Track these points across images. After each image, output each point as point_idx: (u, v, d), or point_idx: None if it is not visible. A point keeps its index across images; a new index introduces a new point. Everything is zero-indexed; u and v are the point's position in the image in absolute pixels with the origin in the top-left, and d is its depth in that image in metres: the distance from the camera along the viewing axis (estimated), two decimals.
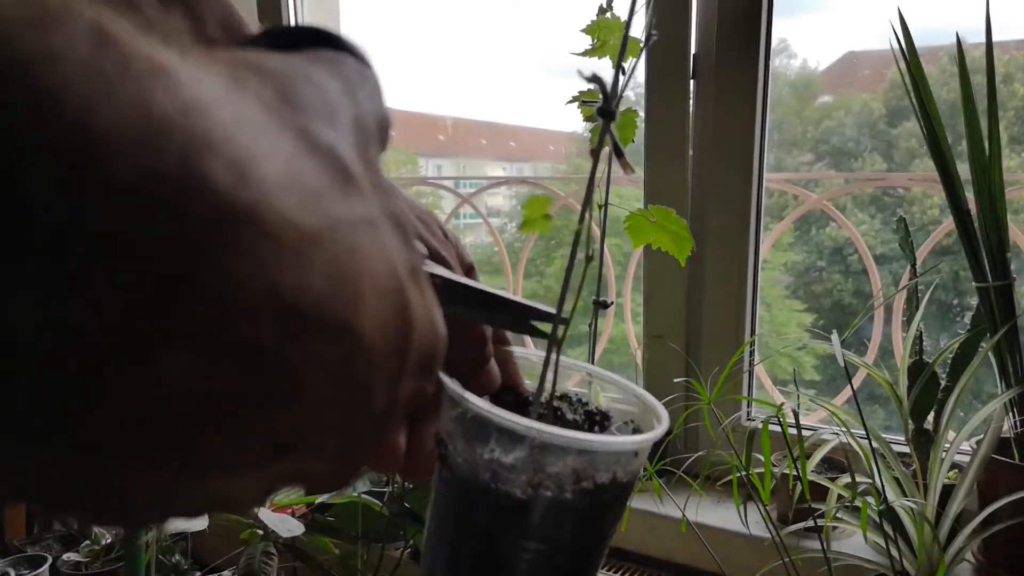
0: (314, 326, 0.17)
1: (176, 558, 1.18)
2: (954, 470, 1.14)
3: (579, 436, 0.31)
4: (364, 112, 0.22)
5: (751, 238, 1.40)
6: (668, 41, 1.39)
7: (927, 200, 1.83)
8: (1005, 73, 1.67)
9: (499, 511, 0.31)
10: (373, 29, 2.42)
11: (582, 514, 0.32)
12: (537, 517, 0.31)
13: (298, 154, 0.18)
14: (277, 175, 0.16)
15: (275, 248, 0.16)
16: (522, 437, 0.30)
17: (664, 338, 1.47)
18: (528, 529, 0.31)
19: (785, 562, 0.97)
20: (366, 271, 0.18)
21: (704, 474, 1.00)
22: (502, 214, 3.01)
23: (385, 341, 0.19)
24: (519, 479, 0.31)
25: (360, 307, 0.18)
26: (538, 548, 0.32)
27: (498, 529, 0.32)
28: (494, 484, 0.31)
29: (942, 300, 1.74)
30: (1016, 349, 1.08)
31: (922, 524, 1.00)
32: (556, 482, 0.31)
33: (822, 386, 1.89)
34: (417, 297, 0.21)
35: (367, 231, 0.19)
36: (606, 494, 0.32)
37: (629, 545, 1.39)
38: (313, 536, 1.08)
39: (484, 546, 0.33)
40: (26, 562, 1.26)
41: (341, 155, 0.19)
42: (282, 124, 0.18)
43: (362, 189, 0.19)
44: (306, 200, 0.17)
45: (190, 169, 0.15)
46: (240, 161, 0.16)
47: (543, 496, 0.31)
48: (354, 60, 0.24)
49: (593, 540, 0.34)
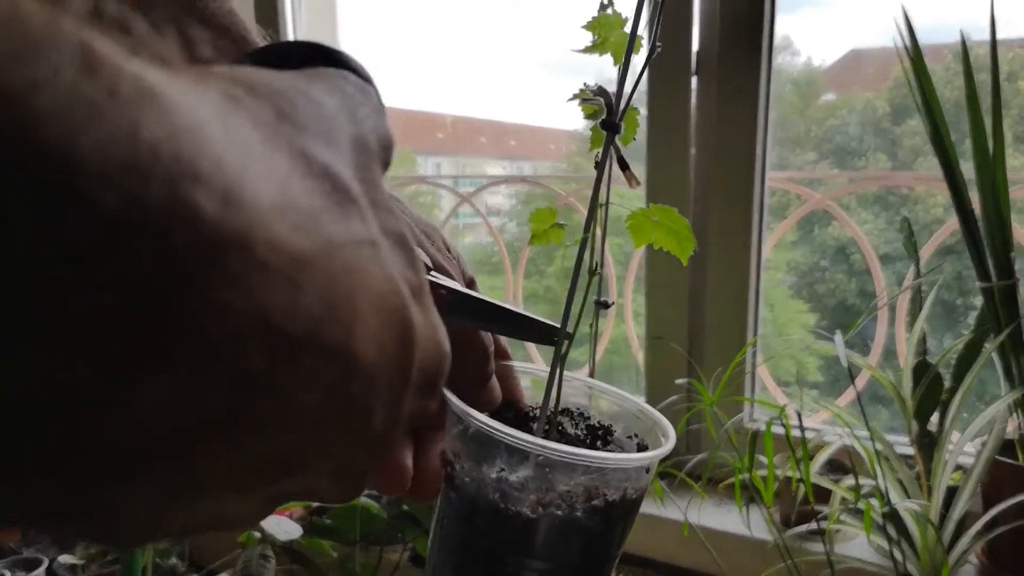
0: (307, 349, 0.17)
1: (173, 561, 1.17)
2: (958, 472, 1.13)
3: (592, 454, 0.30)
4: (365, 130, 0.22)
5: (753, 237, 1.39)
6: (670, 38, 1.38)
7: (931, 199, 1.82)
8: (1009, 71, 1.66)
9: (507, 531, 0.31)
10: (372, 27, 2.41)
11: (591, 532, 0.31)
12: (547, 536, 0.31)
13: (293, 175, 0.18)
14: (269, 198, 0.16)
15: (265, 273, 0.16)
16: (529, 455, 0.30)
17: (666, 339, 1.46)
18: (536, 549, 0.31)
19: (788, 565, 0.96)
20: (364, 291, 0.18)
21: (706, 476, 0.99)
22: (502, 213, 3.00)
23: (385, 360, 0.19)
24: (528, 498, 0.30)
25: (357, 328, 0.18)
26: (545, 568, 0.31)
27: (506, 550, 0.31)
28: (503, 504, 0.30)
29: (946, 300, 1.73)
30: (1020, 350, 1.07)
31: (926, 526, 0.99)
32: (567, 500, 0.30)
33: (825, 387, 1.88)
34: (420, 315, 0.21)
35: (366, 251, 0.19)
36: (616, 511, 0.31)
37: (630, 548, 1.38)
38: (311, 539, 1.08)
39: (491, 568, 0.32)
40: (22, 564, 1.25)
41: (339, 174, 0.19)
42: (277, 144, 0.18)
43: (362, 209, 0.19)
44: (300, 222, 0.17)
45: (177, 197, 0.14)
46: (230, 186, 0.15)
47: (553, 515, 0.30)
48: (355, 77, 0.24)
49: (601, 559, 0.33)
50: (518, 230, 2.87)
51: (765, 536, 1.03)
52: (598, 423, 0.39)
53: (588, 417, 0.39)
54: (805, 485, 0.92)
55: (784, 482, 1.19)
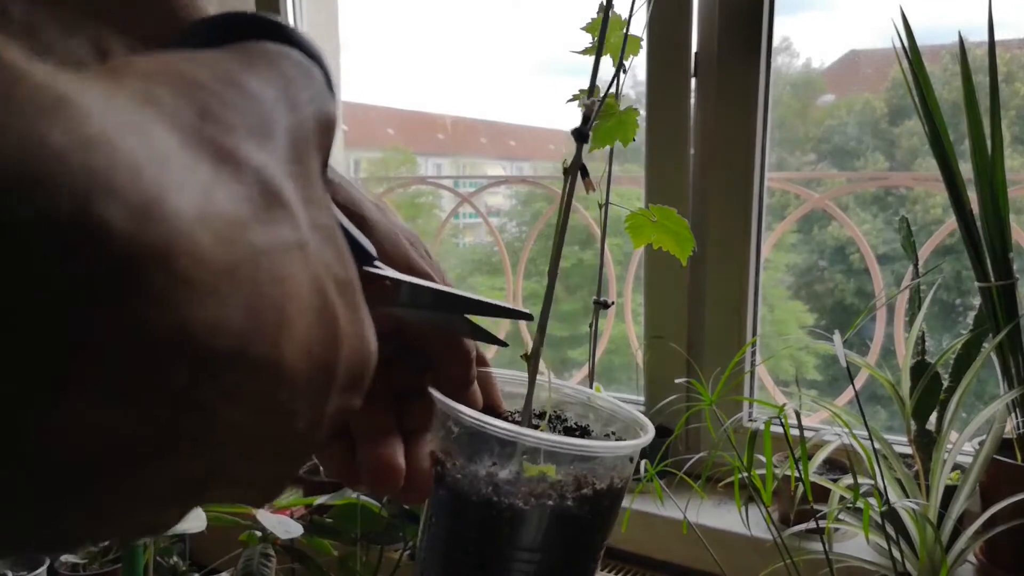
0: (232, 364, 0.16)
1: (174, 559, 1.17)
2: (956, 471, 1.13)
3: (582, 442, 0.31)
4: (303, 117, 0.21)
5: (752, 237, 1.39)
6: (669, 39, 1.38)
7: (929, 199, 1.83)
8: (1007, 72, 1.67)
9: (500, 523, 0.31)
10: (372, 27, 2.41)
11: (581, 521, 0.32)
12: (538, 527, 0.31)
13: (218, 181, 0.17)
14: (191, 209, 0.15)
15: (186, 288, 0.15)
16: (518, 448, 0.30)
17: (665, 338, 1.46)
18: (528, 540, 0.32)
19: (787, 564, 0.96)
20: (291, 297, 0.18)
21: (705, 475, 0.99)
22: (502, 213, 3.00)
23: (310, 364, 0.18)
24: (520, 490, 0.31)
25: (283, 338, 0.17)
26: (536, 559, 0.32)
27: (498, 543, 0.32)
28: (496, 497, 0.31)
29: (944, 300, 1.73)
30: (1019, 349, 1.07)
31: (924, 525, 1.00)
32: (558, 490, 0.31)
33: (824, 386, 1.89)
34: (346, 313, 0.20)
35: (295, 255, 0.18)
36: (603, 500, 0.32)
37: (630, 547, 1.39)
38: (312, 537, 1.08)
39: (483, 561, 0.33)
40: (23, 563, 1.26)
41: (269, 176, 0.18)
42: (200, 148, 0.17)
43: (292, 211, 0.18)
44: (225, 232, 0.16)
45: (88, 212, 0.14)
46: (148, 198, 0.15)
47: (545, 505, 0.31)
48: (299, 55, 0.22)
49: (589, 548, 0.34)
50: (518, 230, 2.88)
51: (764, 535, 1.04)
52: (575, 424, 0.40)
53: (565, 419, 0.40)
54: (804, 484, 0.92)
55: (783, 481, 1.19)
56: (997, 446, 1.04)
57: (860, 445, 1.01)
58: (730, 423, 0.99)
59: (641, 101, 1.46)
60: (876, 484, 0.96)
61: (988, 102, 1.05)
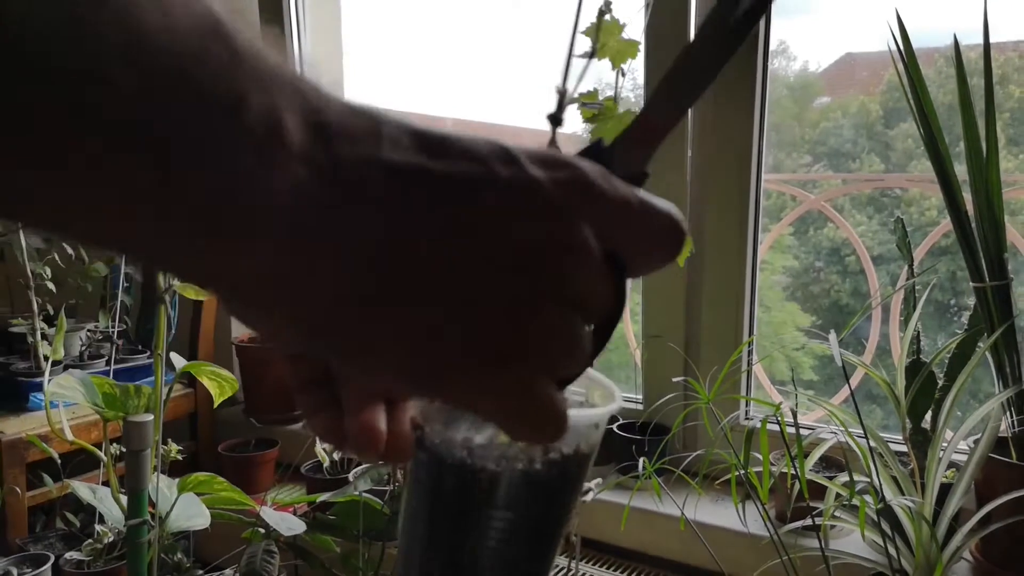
0: None
1: (178, 556, 1.18)
2: (952, 469, 1.14)
3: None
4: None
5: (749, 238, 1.40)
6: (667, 42, 1.39)
7: (924, 201, 1.84)
8: (1001, 74, 1.68)
9: (474, 484, 0.34)
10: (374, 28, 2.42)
11: (549, 484, 0.34)
12: (508, 488, 0.34)
13: None
14: None
15: None
16: None
17: (663, 337, 1.47)
18: (500, 500, 0.34)
19: (783, 560, 0.97)
20: None
21: (703, 473, 1.00)
22: None
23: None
24: (493, 454, 0.33)
25: None
26: (509, 518, 0.34)
27: (472, 502, 0.34)
28: (470, 460, 0.33)
29: (939, 300, 1.74)
30: (1013, 349, 1.09)
31: (920, 523, 1.01)
32: (528, 454, 0.33)
33: (820, 386, 1.90)
34: None
35: None
36: (570, 465, 0.35)
37: (628, 543, 1.40)
38: (314, 534, 1.09)
39: (459, 519, 0.35)
40: (28, 561, 1.26)
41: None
42: None
43: None
44: None
45: None
46: None
47: (515, 468, 0.33)
48: None
49: (558, 510, 0.36)
50: None
51: (761, 532, 1.05)
52: None
53: None
54: (800, 482, 0.93)
55: (780, 479, 1.20)
56: (992, 444, 1.05)
57: (856, 443, 1.02)
58: (727, 421, 1.01)
59: (640, 103, 1.47)
60: (872, 482, 0.97)
61: (983, 104, 1.06)
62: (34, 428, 1.44)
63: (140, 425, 0.89)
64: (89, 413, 1.38)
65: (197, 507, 1.03)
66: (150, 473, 0.92)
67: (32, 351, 1.60)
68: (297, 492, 1.57)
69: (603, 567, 1.39)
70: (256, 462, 1.66)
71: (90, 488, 1.07)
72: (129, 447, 0.89)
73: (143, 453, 0.89)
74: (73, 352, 1.73)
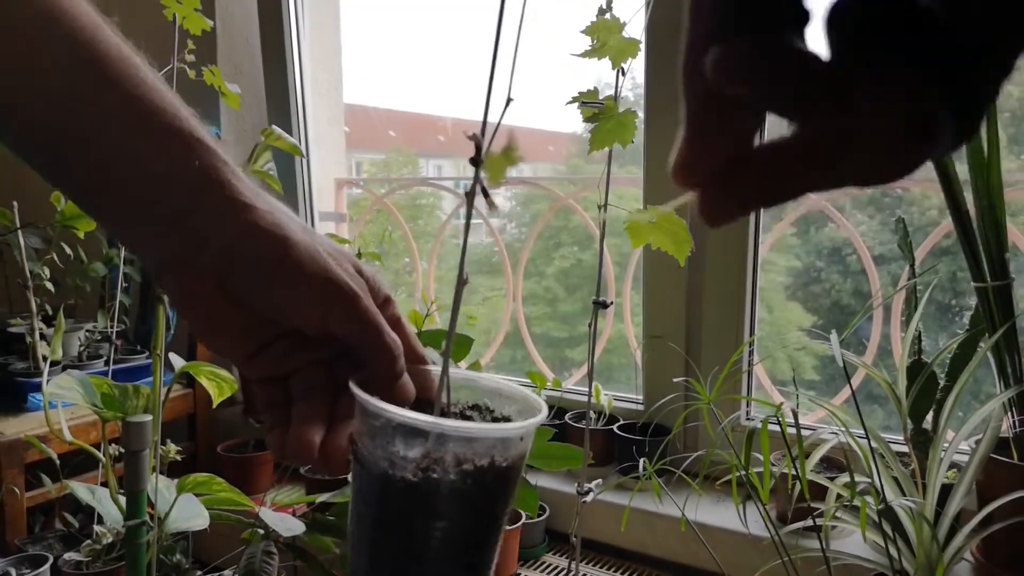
0: None
1: (177, 557, 1.18)
2: (953, 470, 1.14)
3: (432, 420, 0.36)
4: None
5: (751, 238, 1.40)
6: (667, 41, 1.39)
7: (926, 201, 1.83)
8: None
9: (394, 493, 0.37)
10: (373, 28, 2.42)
11: (466, 493, 0.37)
12: (431, 498, 0.37)
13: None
14: None
15: None
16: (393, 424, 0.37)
17: (664, 338, 1.47)
18: (420, 508, 0.37)
19: (784, 561, 0.97)
20: None
21: (703, 473, 1.00)
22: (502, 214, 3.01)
23: None
24: (410, 465, 0.36)
25: None
26: (432, 524, 0.37)
27: (395, 508, 0.37)
28: (391, 471, 0.37)
29: (940, 300, 1.74)
30: (1015, 349, 1.08)
31: (921, 523, 1.00)
32: (442, 466, 0.36)
33: (821, 386, 1.89)
34: None
35: None
36: (487, 476, 0.37)
37: (629, 544, 1.40)
38: (313, 535, 1.09)
39: (385, 524, 0.38)
40: (27, 561, 1.26)
41: None
42: None
43: None
44: None
45: None
46: None
47: (431, 479, 0.36)
48: None
49: (483, 517, 0.39)
50: (518, 231, 2.88)
51: (762, 532, 1.05)
52: (501, 415, 0.44)
53: (493, 411, 0.44)
54: (801, 482, 0.93)
55: (781, 479, 1.20)
56: (993, 445, 1.05)
57: (857, 444, 1.01)
58: (728, 422, 1.00)
59: (640, 103, 1.47)
60: (873, 482, 0.97)
61: None
62: (33, 428, 1.44)
63: (139, 425, 0.88)
64: (88, 413, 1.37)
65: (196, 508, 1.02)
66: (149, 474, 0.92)
67: (31, 351, 1.60)
68: (296, 493, 1.57)
69: (603, 568, 1.39)
70: (255, 463, 1.66)
71: (89, 489, 1.07)
72: (128, 448, 0.89)
73: (142, 453, 0.89)
74: (72, 352, 1.73)
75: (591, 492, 0.95)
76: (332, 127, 2.07)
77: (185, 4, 1.04)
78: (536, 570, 1.40)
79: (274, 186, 0.98)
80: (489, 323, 2.29)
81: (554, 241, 2.86)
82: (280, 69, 1.90)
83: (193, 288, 0.37)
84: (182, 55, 1.12)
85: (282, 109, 1.93)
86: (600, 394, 1.54)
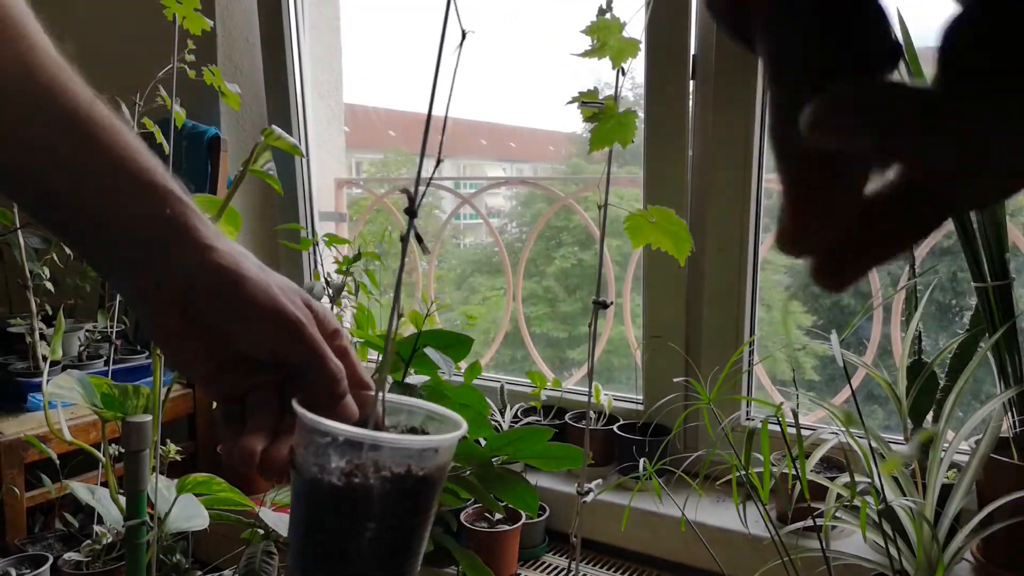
0: None
1: (177, 557, 1.18)
2: (953, 470, 1.14)
3: (351, 430, 0.40)
4: None
5: (751, 238, 1.40)
6: (668, 42, 1.39)
7: None
8: None
9: (323, 495, 0.41)
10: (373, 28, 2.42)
11: (388, 497, 0.41)
12: (352, 500, 0.41)
13: None
14: None
15: None
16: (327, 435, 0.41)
17: (664, 338, 1.47)
18: (347, 509, 0.41)
19: (784, 561, 0.97)
20: None
21: (704, 473, 1.00)
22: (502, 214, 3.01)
23: None
24: (336, 471, 0.41)
25: None
26: (361, 525, 0.41)
27: (325, 510, 0.42)
28: (320, 476, 0.41)
29: (940, 301, 1.74)
30: (1015, 349, 1.08)
31: (921, 523, 1.01)
32: (363, 472, 0.40)
33: (821, 386, 1.89)
34: None
35: None
36: (405, 482, 0.41)
37: (629, 544, 1.40)
38: None
39: (318, 524, 0.42)
40: (27, 561, 1.26)
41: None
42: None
43: None
44: None
45: None
46: None
47: (354, 483, 0.40)
48: None
49: (407, 519, 0.42)
50: (518, 231, 2.89)
51: (762, 532, 1.05)
52: (412, 427, 0.48)
53: (426, 432, 0.48)
54: (801, 482, 0.93)
55: (781, 479, 1.20)
56: (993, 445, 1.05)
57: (857, 444, 1.01)
58: (728, 422, 1.00)
59: (640, 103, 1.47)
60: (873, 482, 0.97)
61: None
62: (32, 428, 1.44)
63: (139, 425, 0.88)
64: (88, 413, 1.37)
65: (196, 508, 1.02)
66: (149, 474, 0.92)
67: (30, 351, 1.60)
68: None
69: (603, 568, 1.39)
70: None
71: (89, 489, 1.07)
72: (128, 448, 0.88)
73: (142, 453, 0.89)
74: (71, 352, 1.73)
75: (591, 492, 0.95)
76: (332, 127, 2.07)
77: (185, 4, 1.04)
78: (536, 570, 1.40)
79: (274, 186, 0.98)
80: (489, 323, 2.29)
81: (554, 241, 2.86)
82: (280, 69, 1.90)
83: (161, 317, 0.43)
84: (182, 55, 1.12)
85: (282, 109, 1.93)
86: (600, 394, 1.54)
